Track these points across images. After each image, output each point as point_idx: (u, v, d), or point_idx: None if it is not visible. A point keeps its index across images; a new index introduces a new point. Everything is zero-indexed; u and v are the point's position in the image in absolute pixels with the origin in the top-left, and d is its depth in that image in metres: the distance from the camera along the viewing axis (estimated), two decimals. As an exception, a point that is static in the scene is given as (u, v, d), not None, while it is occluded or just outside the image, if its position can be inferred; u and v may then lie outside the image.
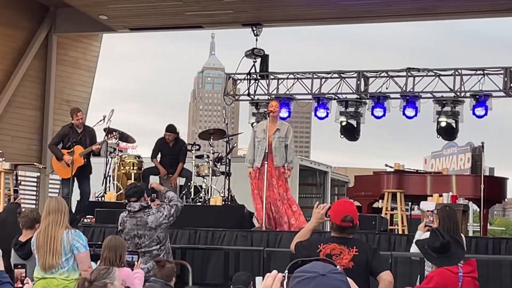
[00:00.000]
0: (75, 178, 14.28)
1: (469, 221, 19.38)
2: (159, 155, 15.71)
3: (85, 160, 14.16)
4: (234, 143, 16.22)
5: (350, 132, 18.37)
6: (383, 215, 14.61)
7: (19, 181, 15.65)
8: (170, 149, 15.49)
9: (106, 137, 14.70)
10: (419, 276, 9.24)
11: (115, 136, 14.75)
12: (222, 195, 14.48)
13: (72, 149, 13.97)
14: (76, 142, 14.04)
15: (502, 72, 16.98)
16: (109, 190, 15.52)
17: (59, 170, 14.16)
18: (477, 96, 17.02)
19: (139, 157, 16.22)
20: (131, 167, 15.79)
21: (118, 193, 15.26)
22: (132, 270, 8.42)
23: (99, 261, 8.18)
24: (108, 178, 15.61)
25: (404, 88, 17.58)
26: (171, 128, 15.57)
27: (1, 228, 10.22)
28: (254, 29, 18.79)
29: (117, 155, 15.70)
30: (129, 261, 8.48)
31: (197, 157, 15.29)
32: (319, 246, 6.57)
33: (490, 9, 17.57)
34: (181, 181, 15.79)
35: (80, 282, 6.11)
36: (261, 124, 14.04)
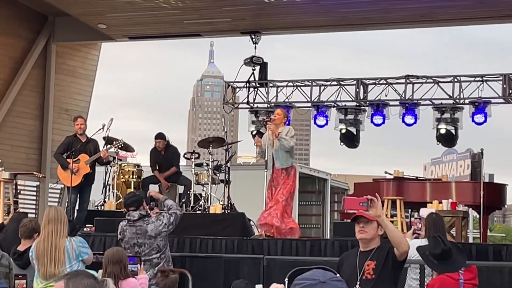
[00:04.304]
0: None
1: (469, 227, 19.37)
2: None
3: (91, 168, 14.14)
4: (234, 151, 16.21)
5: (350, 140, 18.39)
6: (383, 222, 14.57)
7: (18, 190, 15.63)
8: (163, 157, 15.47)
9: (111, 145, 14.66)
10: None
11: (120, 144, 14.72)
12: (221, 203, 14.48)
13: (77, 158, 13.95)
14: (80, 151, 14.02)
15: (501, 79, 16.99)
16: (108, 199, 15.52)
17: (65, 179, 14.10)
18: (476, 103, 17.04)
19: (138, 165, 16.21)
20: (131, 176, 15.78)
21: (118, 202, 15.25)
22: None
23: (100, 271, 8.14)
24: (108, 187, 15.62)
25: (403, 96, 17.60)
26: (159, 135, 15.53)
27: (13, 237, 10.11)
28: (253, 37, 18.81)
29: (117, 163, 15.70)
30: (134, 271, 8.45)
31: (196, 165, 15.29)
32: None
33: (488, 16, 17.58)
34: (180, 189, 15.79)
35: None
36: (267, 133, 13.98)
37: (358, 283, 6.42)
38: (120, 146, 14.82)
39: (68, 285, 3.60)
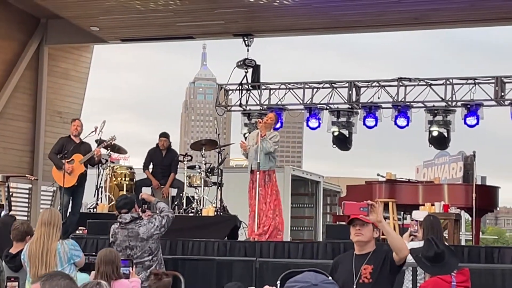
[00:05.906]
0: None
1: (461, 230, 19.38)
2: (151, 165, 15.71)
3: (85, 168, 14.10)
4: (226, 154, 16.18)
5: (342, 142, 18.41)
6: (375, 224, 14.56)
7: (11, 193, 15.59)
8: (162, 158, 15.50)
9: (104, 141, 14.63)
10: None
11: (113, 139, 14.68)
12: (214, 205, 14.46)
13: (72, 158, 13.92)
14: (73, 152, 13.98)
15: (493, 81, 17.02)
16: (101, 202, 15.49)
17: (60, 180, 14.05)
18: (469, 106, 17.07)
19: (131, 168, 16.21)
20: (123, 178, 15.77)
21: (110, 204, 15.23)
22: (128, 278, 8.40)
23: (93, 273, 8.13)
24: (100, 189, 15.59)
25: (395, 98, 17.62)
26: (164, 134, 15.74)
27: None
28: (246, 39, 18.82)
29: (109, 166, 15.68)
30: (126, 274, 8.44)
31: (189, 167, 15.28)
32: None
33: (481, 19, 17.62)
34: (173, 191, 15.77)
35: None
36: (251, 134, 14.07)
37: (354, 287, 6.39)
38: (113, 141, 14.79)
39: (45, 286, 3.59)
